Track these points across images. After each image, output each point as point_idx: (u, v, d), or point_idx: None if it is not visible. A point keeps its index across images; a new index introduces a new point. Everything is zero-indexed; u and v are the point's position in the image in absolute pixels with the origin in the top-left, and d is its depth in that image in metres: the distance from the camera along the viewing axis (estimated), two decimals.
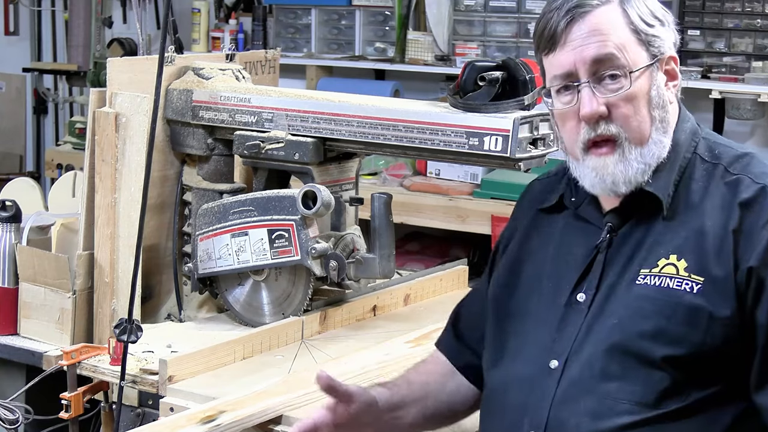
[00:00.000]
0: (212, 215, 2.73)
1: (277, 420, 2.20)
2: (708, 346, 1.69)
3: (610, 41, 1.77)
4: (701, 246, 1.73)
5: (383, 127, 2.59)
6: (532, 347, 1.85)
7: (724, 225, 1.72)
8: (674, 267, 1.73)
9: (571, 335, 1.79)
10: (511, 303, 1.94)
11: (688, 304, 1.71)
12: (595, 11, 1.79)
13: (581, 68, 1.79)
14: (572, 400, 1.75)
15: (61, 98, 6.64)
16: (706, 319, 1.70)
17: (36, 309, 2.72)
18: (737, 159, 1.80)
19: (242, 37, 5.65)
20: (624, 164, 1.79)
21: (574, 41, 1.79)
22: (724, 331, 1.69)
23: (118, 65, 2.76)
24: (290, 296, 2.72)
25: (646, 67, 1.79)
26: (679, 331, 1.70)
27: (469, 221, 4.38)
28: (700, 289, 1.71)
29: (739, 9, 4.45)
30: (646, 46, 1.80)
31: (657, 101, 1.80)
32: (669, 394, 1.70)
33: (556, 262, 1.89)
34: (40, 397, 2.57)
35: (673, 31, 1.85)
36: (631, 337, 1.73)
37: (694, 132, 1.85)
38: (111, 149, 2.68)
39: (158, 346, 2.61)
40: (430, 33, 4.99)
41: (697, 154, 1.82)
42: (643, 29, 1.79)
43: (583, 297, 1.81)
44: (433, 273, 3.10)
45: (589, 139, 1.80)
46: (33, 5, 6.67)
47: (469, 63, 2.53)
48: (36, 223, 2.86)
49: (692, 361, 1.70)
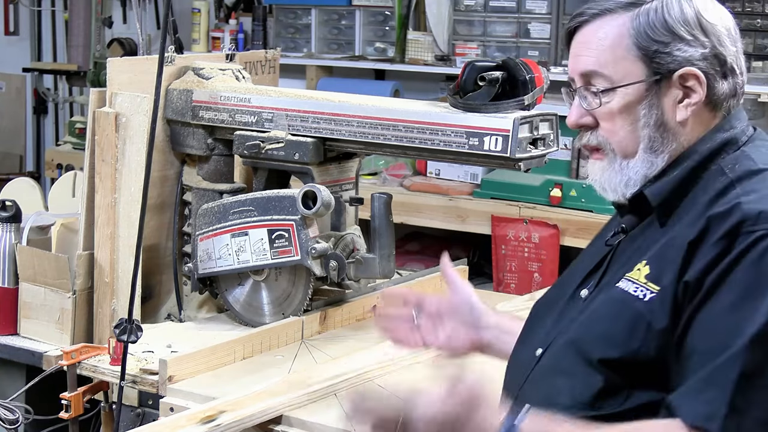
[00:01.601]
0: (212, 215, 2.73)
1: (277, 420, 2.21)
2: (642, 355, 1.67)
3: (600, 56, 1.75)
4: (664, 255, 1.69)
5: (383, 127, 2.59)
6: (535, 335, 1.89)
7: (687, 236, 1.66)
8: (639, 272, 1.72)
9: (561, 327, 1.82)
10: (550, 290, 1.99)
11: (633, 311, 1.69)
12: (596, 21, 1.77)
13: (575, 77, 1.80)
14: (533, 387, 1.79)
15: (61, 98, 6.64)
16: (644, 328, 1.67)
17: (36, 309, 2.72)
18: (749, 174, 1.70)
19: (242, 37, 5.65)
20: (609, 173, 1.79)
21: (574, 48, 1.81)
22: (659, 343, 1.66)
23: (118, 65, 2.77)
24: (290, 296, 2.72)
25: (639, 84, 1.74)
26: (619, 336, 1.69)
27: (469, 221, 4.38)
28: (652, 298, 1.67)
29: (739, 9, 4.45)
30: (648, 61, 1.73)
31: (648, 120, 1.74)
32: (604, 397, 1.69)
33: (588, 255, 1.92)
34: (40, 397, 2.57)
35: (711, 43, 1.73)
36: (582, 337, 1.75)
37: (728, 142, 1.76)
38: (111, 149, 2.68)
39: (158, 346, 2.61)
40: (430, 33, 4.99)
41: (719, 166, 1.74)
42: (646, 44, 1.73)
43: (586, 293, 1.83)
44: (433, 273, 3.10)
45: (579, 147, 1.82)
46: (33, 5, 6.67)
47: (469, 63, 2.53)
48: (36, 223, 2.86)
49: (627, 366, 1.68)
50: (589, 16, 1.78)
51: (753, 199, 1.64)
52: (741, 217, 1.61)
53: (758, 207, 1.62)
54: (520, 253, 4.25)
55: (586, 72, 1.77)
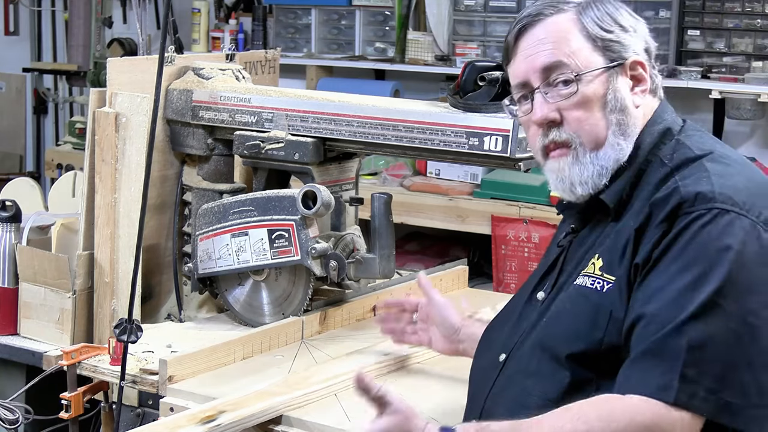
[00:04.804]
0: (212, 215, 2.73)
1: (277, 420, 2.20)
2: (606, 345, 1.72)
3: (559, 48, 1.81)
4: (615, 246, 1.76)
5: (383, 127, 2.59)
6: (493, 342, 1.94)
7: (633, 225, 1.74)
8: (593, 266, 1.78)
9: (522, 331, 1.86)
10: (509, 302, 2.04)
11: (593, 303, 1.74)
12: (546, 20, 1.83)
13: (533, 76, 1.83)
14: (501, 393, 1.83)
15: (61, 98, 6.64)
16: (607, 318, 1.72)
17: (36, 309, 2.72)
18: (686, 162, 1.78)
19: (242, 37, 5.65)
20: (579, 166, 1.82)
21: (525, 50, 1.84)
22: (621, 330, 1.71)
23: (118, 65, 2.76)
24: (290, 296, 2.72)
25: (600, 70, 1.80)
26: (582, 329, 1.74)
27: (469, 221, 4.39)
28: (610, 288, 1.74)
29: (739, 9, 4.45)
30: (602, 51, 1.81)
31: (614, 105, 1.81)
32: (572, 392, 1.72)
33: (542, 260, 1.98)
34: (40, 397, 2.57)
35: (642, 37, 1.86)
36: (548, 336, 1.79)
37: (664, 134, 1.84)
38: (111, 149, 2.68)
39: (158, 346, 2.61)
40: (430, 33, 4.99)
41: (658, 157, 1.81)
42: (599, 35, 1.81)
43: (542, 295, 1.88)
44: (433, 273, 3.10)
45: (544, 145, 1.85)
46: (33, 5, 6.68)
47: (469, 63, 2.53)
48: (36, 223, 2.86)
49: (593, 358, 1.73)
50: (533, 17, 1.83)
51: (689, 182, 1.72)
52: (679, 200, 1.70)
53: (695, 189, 1.70)
54: (520, 253, 4.26)
55: (548, 65, 1.81)
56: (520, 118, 1.90)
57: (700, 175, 1.73)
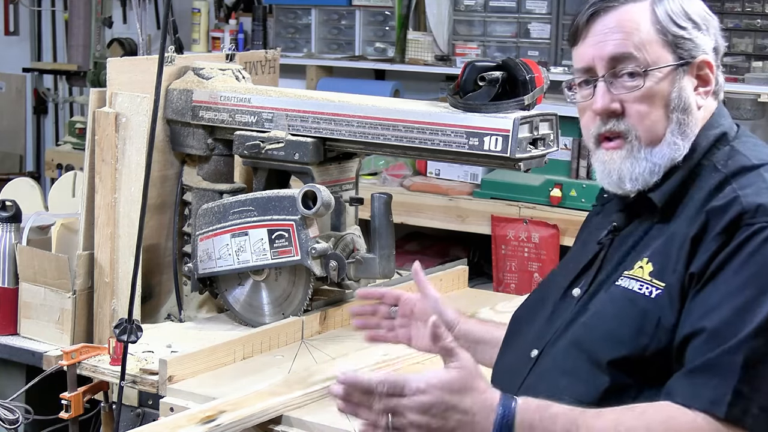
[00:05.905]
0: (212, 215, 2.73)
1: (277, 420, 2.21)
2: (651, 351, 1.68)
3: (629, 39, 1.77)
4: (667, 251, 1.72)
5: (383, 127, 2.59)
6: (524, 337, 1.89)
7: (688, 232, 1.70)
8: (642, 270, 1.73)
9: (556, 328, 1.82)
10: (531, 296, 2.00)
11: (641, 308, 1.70)
12: (621, 8, 1.78)
13: (599, 63, 1.79)
14: (532, 390, 1.77)
15: (61, 98, 6.64)
16: (654, 324, 1.68)
17: (36, 309, 2.72)
18: (742, 171, 1.74)
19: (242, 37, 5.65)
20: (631, 161, 1.78)
21: (595, 36, 1.80)
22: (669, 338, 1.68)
23: (118, 65, 2.77)
24: (290, 296, 2.72)
25: (668, 68, 1.77)
26: (627, 334, 1.70)
27: (469, 221, 4.38)
28: (659, 295, 1.70)
29: (739, 9, 4.45)
30: (672, 47, 1.77)
31: (677, 104, 1.77)
32: (610, 396, 1.69)
33: (575, 255, 1.93)
34: (40, 397, 2.57)
35: (713, 35, 1.81)
36: (588, 337, 1.75)
37: (720, 138, 1.80)
38: (111, 149, 2.68)
39: (158, 346, 2.61)
40: (430, 33, 4.99)
41: (711, 162, 1.78)
42: (672, 30, 1.77)
43: (578, 292, 1.83)
44: (433, 273, 3.10)
45: (600, 134, 1.80)
46: (33, 5, 6.67)
47: (469, 63, 2.53)
48: (36, 223, 2.87)
49: (636, 364, 1.69)
50: (608, 3, 1.79)
51: (750, 192, 1.68)
52: (740, 210, 1.65)
53: (756, 200, 1.66)
54: (520, 253, 4.25)
55: (616, 55, 1.77)
56: (578, 104, 1.85)
57: (760, 186, 1.69)
